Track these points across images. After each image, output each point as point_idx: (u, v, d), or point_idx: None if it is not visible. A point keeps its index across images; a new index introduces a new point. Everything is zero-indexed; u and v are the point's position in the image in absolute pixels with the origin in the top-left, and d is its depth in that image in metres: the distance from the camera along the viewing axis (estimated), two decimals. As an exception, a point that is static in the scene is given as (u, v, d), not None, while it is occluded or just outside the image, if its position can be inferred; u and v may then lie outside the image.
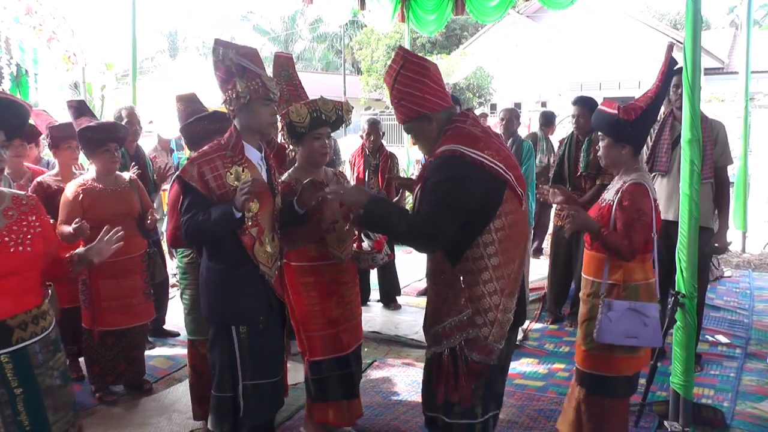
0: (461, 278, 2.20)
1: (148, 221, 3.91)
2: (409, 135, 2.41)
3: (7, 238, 2.05)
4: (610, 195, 2.85)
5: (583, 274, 2.96)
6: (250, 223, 2.60)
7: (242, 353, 2.65)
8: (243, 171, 2.60)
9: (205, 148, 2.70)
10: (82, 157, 4.21)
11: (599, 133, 2.94)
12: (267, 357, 2.72)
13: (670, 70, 2.87)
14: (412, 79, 2.24)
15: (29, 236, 2.11)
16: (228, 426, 2.70)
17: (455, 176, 2.11)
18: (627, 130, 2.76)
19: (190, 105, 3.39)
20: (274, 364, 2.77)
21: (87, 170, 3.88)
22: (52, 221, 3.43)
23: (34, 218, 2.17)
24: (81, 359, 4.03)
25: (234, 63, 2.57)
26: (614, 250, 2.71)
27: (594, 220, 2.80)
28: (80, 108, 3.93)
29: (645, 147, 4.08)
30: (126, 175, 3.91)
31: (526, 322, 4.93)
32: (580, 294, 2.99)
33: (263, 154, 2.77)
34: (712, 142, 3.95)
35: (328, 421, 3.28)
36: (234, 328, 2.64)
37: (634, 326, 2.71)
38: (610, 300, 2.74)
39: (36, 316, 2.12)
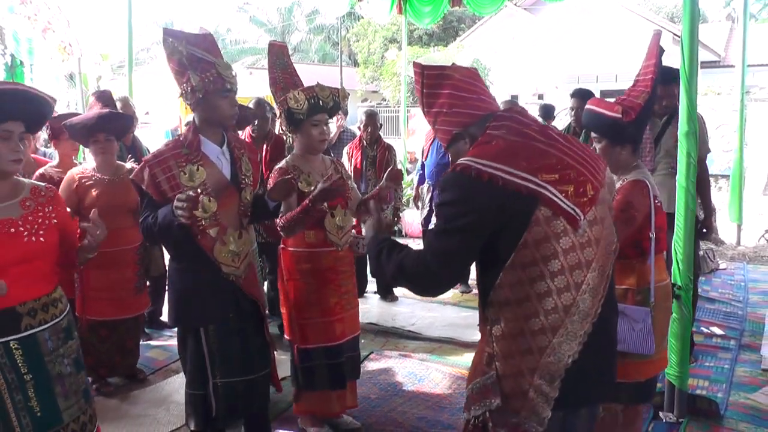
0: (489, 328, 1.71)
1: None
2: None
3: (21, 228, 2.10)
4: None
5: None
6: (208, 223, 2.51)
7: (211, 352, 2.61)
8: (198, 169, 2.52)
9: (161, 146, 2.64)
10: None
11: (593, 135, 2.73)
12: (239, 355, 2.66)
13: (661, 61, 2.70)
14: (434, 96, 1.85)
15: (44, 227, 2.15)
16: (200, 422, 2.69)
17: (456, 198, 1.67)
18: (628, 130, 2.60)
19: None
20: (248, 362, 2.71)
21: (86, 161, 3.88)
22: None
23: (50, 209, 2.21)
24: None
25: (185, 54, 2.47)
26: None
27: None
28: (99, 97, 3.95)
29: None
30: (127, 166, 3.88)
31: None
32: None
33: (227, 147, 2.68)
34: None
35: (314, 411, 3.27)
36: (201, 329, 2.61)
37: (620, 330, 2.49)
38: None
39: (46, 304, 2.15)
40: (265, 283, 4.84)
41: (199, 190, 2.45)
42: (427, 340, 4.73)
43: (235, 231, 2.62)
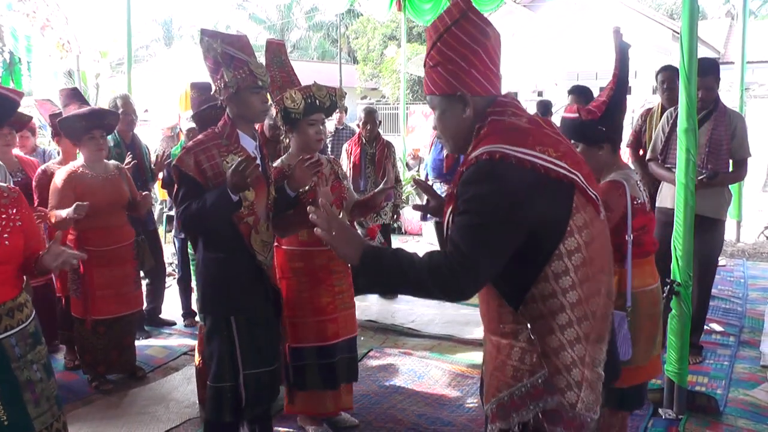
0: (528, 326, 1.61)
1: (142, 205, 3.89)
2: (433, 111, 1.78)
3: None
4: None
5: None
6: (246, 212, 2.61)
7: (242, 343, 2.66)
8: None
9: (200, 136, 2.71)
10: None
11: (571, 141, 2.71)
12: (264, 346, 2.73)
13: (624, 56, 2.65)
14: (461, 43, 1.63)
15: (8, 229, 2.06)
16: (229, 415, 2.71)
17: (498, 189, 1.53)
18: (597, 129, 2.57)
19: (203, 93, 3.38)
20: (271, 352, 2.79)
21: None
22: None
23: (14, 211, 2.12)
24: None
25: (219, 53, 2.57)
26: None
27: None
28: (71, 95, 3.89)
29: (659, 141, 4.07)
30: (112, 163, 3.88)
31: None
32: None
33: (257, 143, 2.77)
34: (729, 135, 3.93)
35: (307, 411, 3.26)
36: (233, 318, 2.65)
37: None
38: None
39: (11, 309, 2.07)
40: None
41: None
42: (426, 338, 4.73)
43: (264, 222, 2.74)
